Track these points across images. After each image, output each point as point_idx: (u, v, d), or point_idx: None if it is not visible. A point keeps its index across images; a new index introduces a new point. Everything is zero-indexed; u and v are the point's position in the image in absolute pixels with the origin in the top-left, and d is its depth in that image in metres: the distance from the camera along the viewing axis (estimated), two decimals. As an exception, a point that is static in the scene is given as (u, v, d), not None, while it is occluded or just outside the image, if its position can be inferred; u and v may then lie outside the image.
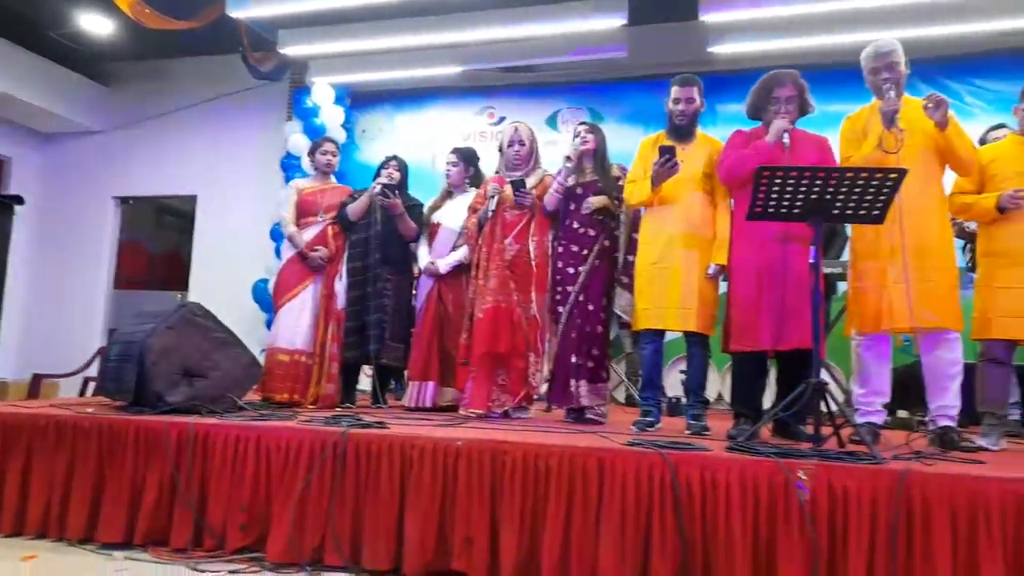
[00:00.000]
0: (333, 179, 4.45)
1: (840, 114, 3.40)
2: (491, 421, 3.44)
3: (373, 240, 4.08)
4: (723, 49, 5.73)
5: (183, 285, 7.53)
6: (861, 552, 2.16)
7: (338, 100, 6.80)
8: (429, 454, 2.60)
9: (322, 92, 6.65)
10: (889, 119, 3.02)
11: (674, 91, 3.45)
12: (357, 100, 7.13)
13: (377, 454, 2.67)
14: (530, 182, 3.83)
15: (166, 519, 2.83)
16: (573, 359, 3.59)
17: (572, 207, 3.72)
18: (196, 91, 7.50)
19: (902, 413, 4.30)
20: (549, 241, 3.85)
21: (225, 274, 6.98)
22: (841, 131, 3.36)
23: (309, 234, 4.14)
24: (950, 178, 3.28)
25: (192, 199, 7.61)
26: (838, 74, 4.09)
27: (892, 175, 2.69)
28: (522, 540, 2.44)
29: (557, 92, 6.74)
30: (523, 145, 3.88)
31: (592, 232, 3.68)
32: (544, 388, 3.89)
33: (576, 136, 3.81)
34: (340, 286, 4.13)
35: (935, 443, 3.01)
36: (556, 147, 6.31)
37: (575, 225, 3.70)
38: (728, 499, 2.29)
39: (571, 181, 3.70)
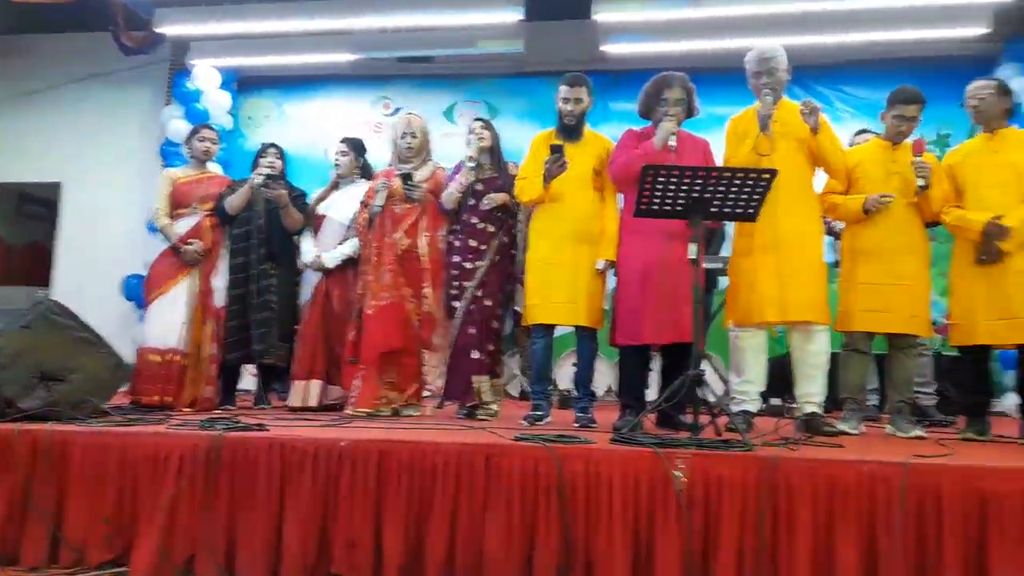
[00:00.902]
0: (212, 168, 4.22)
1: (726, 116, 3.55)
2: (379, 420, 3.37)
3: (255, 234, 3.90)
4: (615, 48, 5.86)
5: (45, 280, 6.96)
6: (732, 534, 2.26)
7: (224, 85, 6.47)
8: (311, 456, 2.51)
9: (205, 76, 6.31)
10: (763, 123, 3.17)
11: (563, 90, 3.49)
12: (244, 85, 6.82)
13: (255, 458, 2.55)
14: (420, 175, 3.77)
15: (17, 535, 2.60)
16: (473, 355, 3.58)
17: (471, 202, 3.70)
18: (63, 70, 6.95)
19: (775, 401, 4.55)
20: (443, 236, 3.81)
21: (95, 268, 6.51)
22: (727, 131, 3.50)
23: (183, 226, 3.90)
24: (821, 179, 3.48)
25: (55, 186, 7.03)
26: (727, 77, 4.25)
27: (764, 176, 2.82)
28: (407, 540, 2.40)
29: (455, 85, 6.69)
30: (415, 137, 3.82)
31: (491, 228, 3.68)
32: (439, 384, 3.85)
33: (471, 132, 3.80)
34: (219, 282, 3.92)
35: (802, 429, 3.19)
36: (454, 140, 6.29)
37: (474, 220, 3.69)
38: (610, 490, 2.34)
39: (471, 179, 3.68)
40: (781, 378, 3.88)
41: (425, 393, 3.86)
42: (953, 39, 5.22)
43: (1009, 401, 4.43)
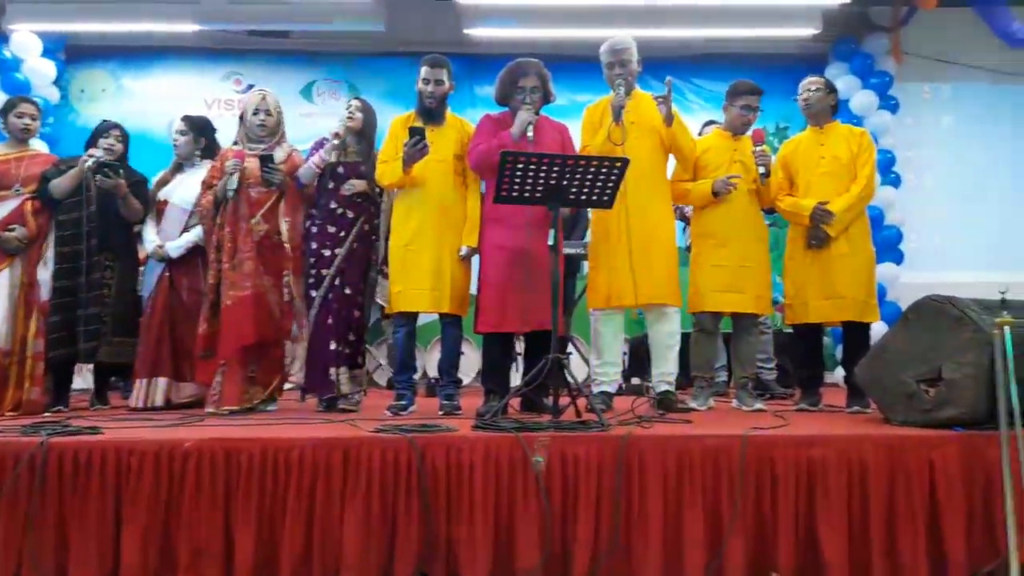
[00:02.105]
0: (34, 145, 3.80)
1: (589, 103, 3.62)
2: (232, 417, 3.19)
3: (87, 222, 3.54)
4: (480, 32, 5.83)
5: None
6: (589, 512, 2.33)
7: (48, 53, 5.83)
8: (151, 459, 2.33)
9: (24, 42, 5.66)
10: (616, 114, 3.27)
11: (424, 71, 3.42)
12: (74, 54, 6.19)
13: (86, 464, 2.33)
14: (277, 157, 3.58)
15: None
16: (332, 346, 3.46)
17: (331, 186, 3.56)
18: None
19: (635, 380, 4.76)
20: (302, 222, 3.65)
21: None
22: (583, 120, 3.57)
23: (1, 211, 3.49)
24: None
25: None
26: (591, 65, 4.33)
27: (617, 164, 2.91)
28: (260, 544, 2.28)
29: (313, 62, 6.42)
30: (269, 115, 3.61)
31: (351, 214, 3.56)
32: (299, 377, 3.70)
33: (346, 109, 3.66)
34: (45, 273, 3.54)
35: (656, 407, 3.34)
36: (312, 120, 6.05)
37: (333, 205, 3.55)
38: (471, 476, 2.35)
39: (333, 158, 3.54)
40: (640, 358, 4.07)
41: (289, 385, 3.70)
42: (790, 38, 5.62)
43: (838, 374, 4.87)
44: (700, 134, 4.52)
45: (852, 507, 2.43)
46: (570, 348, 5.09)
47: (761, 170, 3.44)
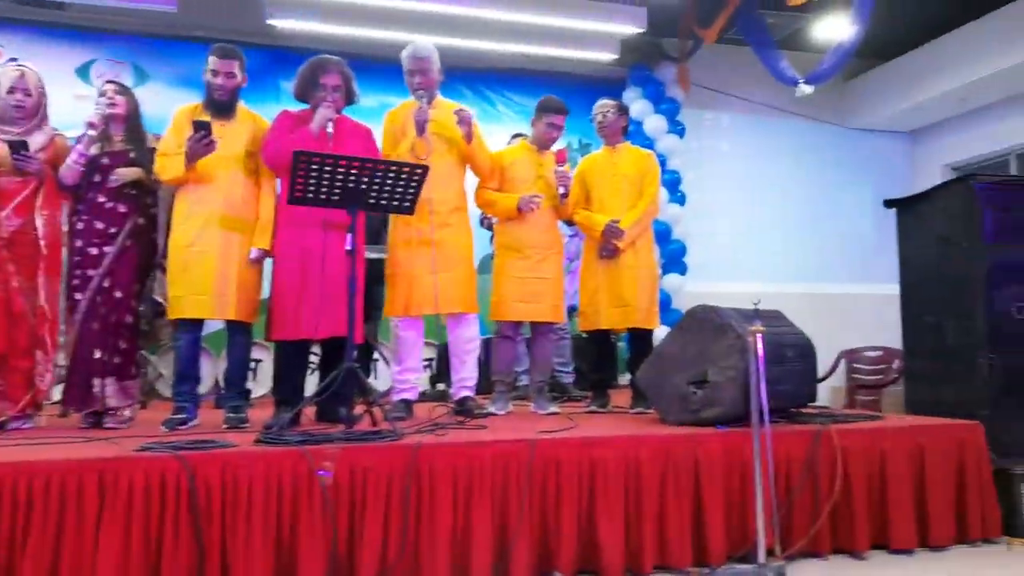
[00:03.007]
0: None
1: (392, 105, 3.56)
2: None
3: None
4: (284, 24, 5.56)
5: None
6: (377, 524, 2.28)
7: None
8: None
9: None
10: (420, 128, 3.26)
11: (211, 61, 3.18)
12: None
13: None
14: (36, 142, 3.16)
15: None
16: (97, 354, 3.10)
17: (97, 179, 3.20)
18: None
19: (441, 386, 4.77)
20: (64, 217, 3.25)
21: None
22: (384, 126, 3.51)
23: None
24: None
25: None
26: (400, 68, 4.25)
27: (418, 171, 2.89)
28: (-9, 584, 1.98)
29: (94, 39, 5.76)
30: (29, 95, 3.19)
31: (122, 208, 3.22)
32: (56, 390, 3.29)
33: (102, 96, 3.29)
34: None
35: (456, 412, 3.37)
36: (88, 102, 5.41)
37: (101, 199, 3.20)
38: (250, 495, 2.21)
39: (94, 151, 3.18)
40: (448, 364, 4.06)
41: (44, 401, 3.27)
42: (592, 61, 5.95)
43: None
44: (508, 144, 4.64)
45: (628, 502, 2.59)
46: (376, 356, 5.01)
47: (561, 190, 3.59)
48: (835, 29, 5.02)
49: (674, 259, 5.92)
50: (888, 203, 3.85)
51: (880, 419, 3.26)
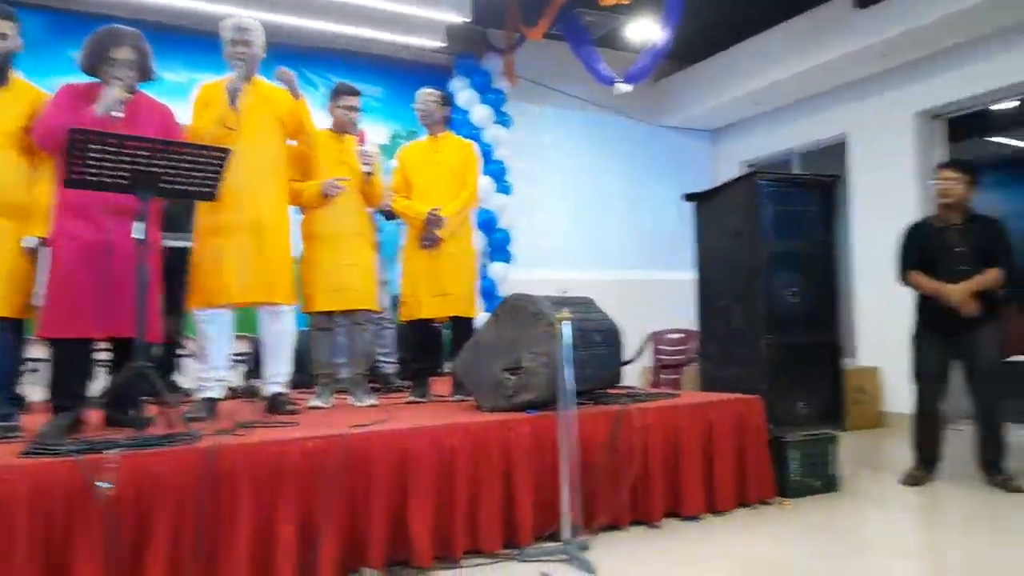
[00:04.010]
0: None
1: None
2: None
3: None
4: (75, -15, 5.00)
5: None
6: (166, 536, 2.13)
7: None
8: None
9: None
10: (232, 96, 3.06)
11: (-27, 20, 2.79)
12: None
13: None
14: None
15: None
16: None
17: None
18: None
19: (256, 381, 4.54)
20: None
21: None
22: (195, 99, 3.27)
23: None
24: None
25: None
26: (215, 41, 3.95)
27: (218, 154, 2.71)
28: None
29: None
30: None
31: None
32: None
33: None
34: None
35: (268, 409, 3.22)
36: None
37: None
38: (13, 514, 1.97)
39: None
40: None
41: None
42: (418, 47, 5.90)
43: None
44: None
45: (441, 491, 2.62)
46: (184, 352, 4.67)
47: (366, 169, 3.54)
48: (647, 31, 5.33)
49: (499, 248, 6.04)
50: (687, 196, 4.16)
51: (676, 396, 3.54)
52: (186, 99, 3.31)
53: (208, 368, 3.21)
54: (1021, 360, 3.97)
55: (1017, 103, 5.54)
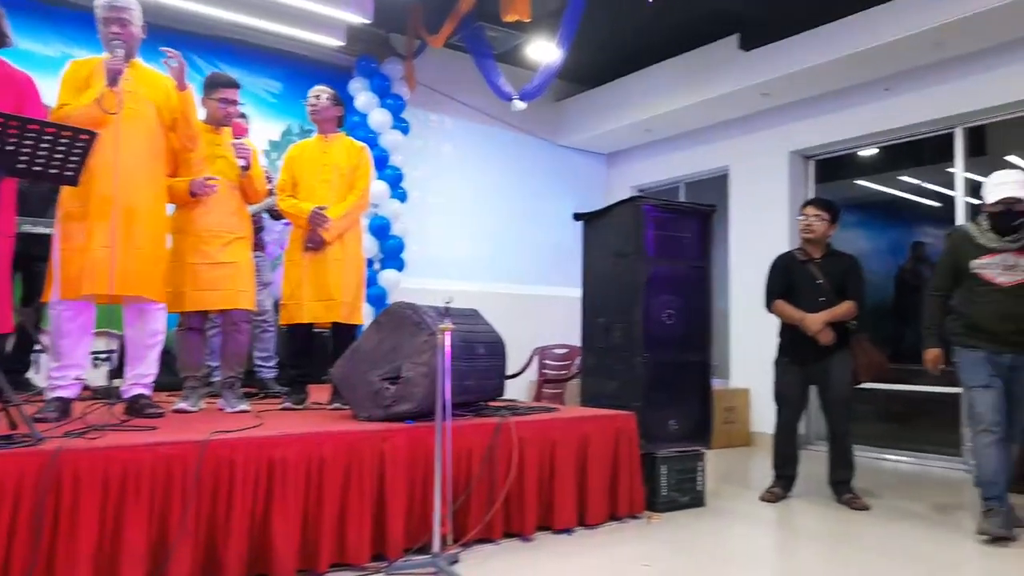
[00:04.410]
0: None
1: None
2: None
3: None
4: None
5: None
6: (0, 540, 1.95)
7: None
8: None
9: None
10: (112, 78, 2.88)
11: None
12: None
13: None
14: None
15: None
16: None
17: None
18: None
19: (117, 381, 4.25)
20: None
21: None
22: (64, 75, 3.05)
23: None
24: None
25: None
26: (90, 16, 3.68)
27: (83, 136, 2.53)
28: None
29: None
30: None
31: None
32: None
33: None
34: None
35: (127, 412, 3.02)
36: None
37: None
38: None
39: None
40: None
41: None
42: (318, 45, 5.76)
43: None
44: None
45: (308, 502, 2.54)
46: (39, 347, 4.31)
47: (241, 163, 3.42)
48: (547, 51, 5.43)
49: (392, 255, 5.96)
50: (576, 216, 4.26)
51: (555, 411, 3.59)
52: (57, 75, 3.08)
53: (62, 366, 2.97)
54: (869, 387, 4.31)
55: (876, 150, 6.06)
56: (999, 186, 3.14)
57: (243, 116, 3.72)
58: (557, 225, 7.15)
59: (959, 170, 5.28)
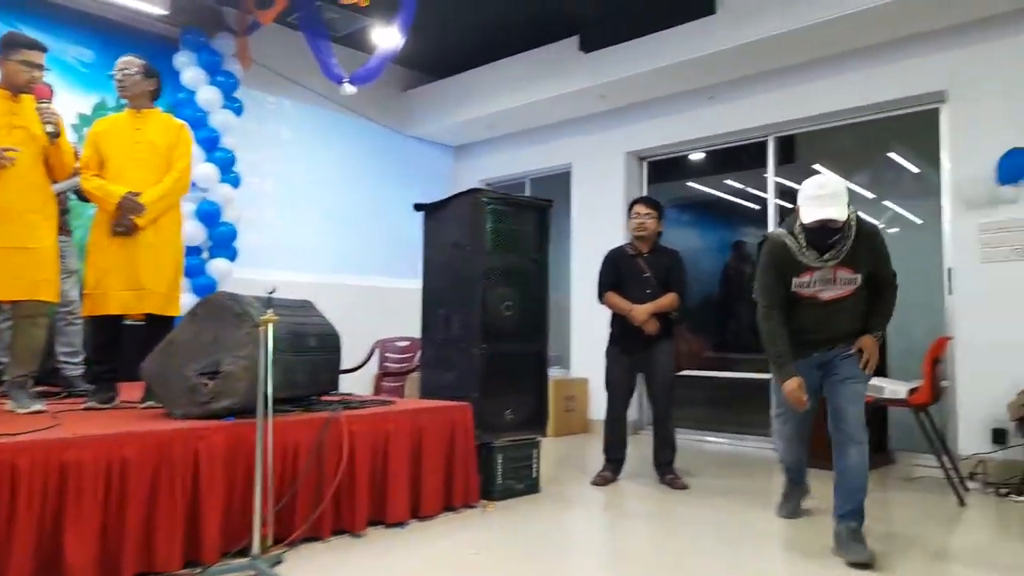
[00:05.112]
0: None
1: None
2: None
3: None
4: None
5: None
6: None
7: None
8: None
9: None
10: None
11: None
12: None
13: None
14: None
15: None
16: None
17: None
18: None
19: None
20: None
21: None
22: None
23: None
24: None
25: None
26: None
27: None
28: None
29: None
30: None
31: None
32: None
33: None
34: None
35: None
36: None
37: None
38: None
39: None
40: None
41: None
42: (138, 11, 5.27)
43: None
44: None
45: (109, 509, 2.31)
46: None
47: (49, 128, 3.07)
48: (387, 36, 5.29)
49: (223, 243, 5.59)
50: (417, 207, 4.21)
51: (392, 404, 3.53)
52: None
53: None
54: (696, 374, 4.60)
55: (704, 154, 6.50)
56: (816, 205, 2.73)
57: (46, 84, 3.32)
58: (402, 216, 6.96)
59: (771, 175, 5.77)
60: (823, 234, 2.79)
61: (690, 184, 6.95)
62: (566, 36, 6.09)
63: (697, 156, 6.55)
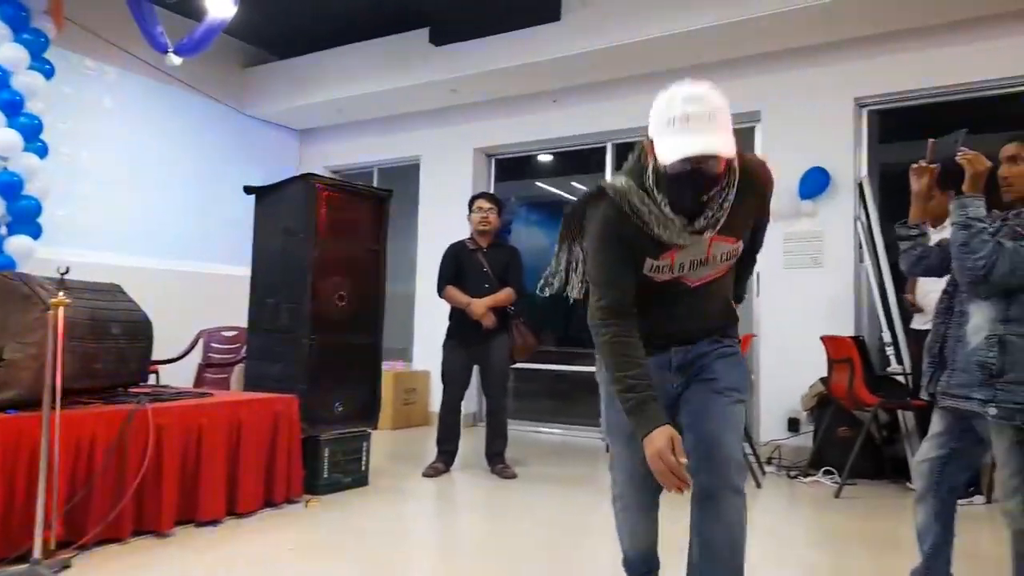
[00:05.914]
0: None
1: None
2: None
3: None
4: None
5: None
6: None
7: None
8: None
9: None
10: None
11: None
12: None
13: None
14: None
15: None
16: None
17: None
18: None
19: None
20: None
21: None
22: None
23: None
24: None
25: None
26: None
27: None
28: None
29: None
30: None
31: None
32: None
33: None
34: None
35: None
36: None
37: None
38: None
39: None
40: None
41: None
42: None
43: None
44: None
45: None
46: None
47: None
48: (218, 5, 4.95)
49: (25, 218, 5.01)
50: (247, 190, 4.01)
51: (209, 396, 3.34)
52: None
53: None
54: (523, 367, 4.73)
55: (551, 156, 6.69)
56: (686, 132, 1.61)
57: None
58: (239, 200, 6.64)
59: (609, 179, 6.04)
60: (695, 184, 1.63)
61: (539, 184, 7.14)
62: (416, 27, 6.04)
63: (545, 157, 6.74)
